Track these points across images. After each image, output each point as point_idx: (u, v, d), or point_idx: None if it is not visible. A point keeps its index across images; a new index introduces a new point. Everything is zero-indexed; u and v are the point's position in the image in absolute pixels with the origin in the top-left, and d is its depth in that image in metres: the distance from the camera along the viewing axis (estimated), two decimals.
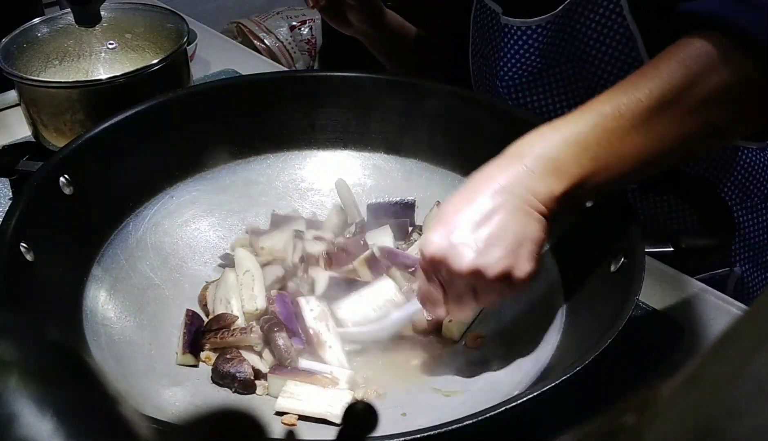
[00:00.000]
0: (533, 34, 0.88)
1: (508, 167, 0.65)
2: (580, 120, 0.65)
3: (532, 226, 0.64)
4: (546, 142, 0.65)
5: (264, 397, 0.72)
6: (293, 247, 0.84)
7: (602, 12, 0.83)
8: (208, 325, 0.77)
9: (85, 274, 0.76)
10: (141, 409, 0.64)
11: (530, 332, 0.75)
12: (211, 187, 0.91)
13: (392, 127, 0.94)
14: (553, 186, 0.64)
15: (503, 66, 0.93)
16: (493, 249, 0.63)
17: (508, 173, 0.64)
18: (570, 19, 0.85)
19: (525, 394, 0.56)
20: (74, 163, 0.78)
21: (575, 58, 0.88)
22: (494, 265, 0.63)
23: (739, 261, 0.98)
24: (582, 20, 0.84)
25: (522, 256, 0.63)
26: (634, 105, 0.64)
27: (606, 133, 0.64)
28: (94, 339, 0.71)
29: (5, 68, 0.96)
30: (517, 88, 0.93)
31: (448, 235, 0.64)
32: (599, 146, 0.64)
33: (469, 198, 0.65)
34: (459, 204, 0.65)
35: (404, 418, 0.68)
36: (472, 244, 0.63)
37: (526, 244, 0.63)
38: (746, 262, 0.98)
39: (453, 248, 0.63)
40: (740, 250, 0.97)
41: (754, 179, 0.94)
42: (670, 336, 0.79)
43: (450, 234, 0.64)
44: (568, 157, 0.64)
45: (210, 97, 0.91)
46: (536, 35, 0.88)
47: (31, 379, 0.23)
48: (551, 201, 0.64)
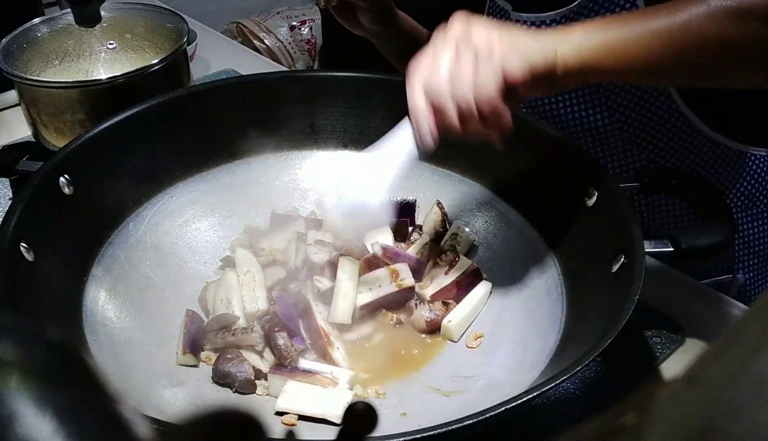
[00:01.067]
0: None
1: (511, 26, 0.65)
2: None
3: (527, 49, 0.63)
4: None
5: (264, 397, 0.72)
6: (295, 250, 0.84)
7: (618, 11, 0.83)
8: (208, 325, 0.77)
9: (85, 274, 0.76)
10: (141, 409, 0.64)
11: (530, 332, 0.75)
12: (211, 187, 0.91)
13: (392, 127, 0.94)
14: (556, 45, 0.64)
15: None
16: (465, 55, 0.63)
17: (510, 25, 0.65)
18: (585, 16, 0.85)
19: (525, 394, 0.56)
20: (74, 163, 0.78)
21: None
22: (466, 64, 0.63)
23: (742, 268, 0.98)
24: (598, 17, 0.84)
25: (492, 60, 0.62)
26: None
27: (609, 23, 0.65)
28: (94, 339, 0.71)
29: (5, 68, 0.96)
30: None
31: (433, 52, 0.65)
32: (611, 32, 0.64)
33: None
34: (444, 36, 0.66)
35: (404, 418, 0.68)
36: (449, 55, 0.64)
37: (495, 50, 0.63)
38: (749, 270, 0.98)
39: (434, 60, 0.64)
40: (744, 258, 0.97)
41: (761, 186, 0.94)
42: (670, 336, 0.79)
43: (434, 49, 0.65)
44: (584, 36, 0.64)
45: (210, 97, 0.91)
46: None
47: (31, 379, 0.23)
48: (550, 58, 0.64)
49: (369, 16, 1.00)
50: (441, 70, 0.64)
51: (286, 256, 0.85)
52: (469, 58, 0.63)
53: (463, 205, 0.90)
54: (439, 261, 0.83)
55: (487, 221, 0.88)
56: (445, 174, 0.92)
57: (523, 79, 0.63)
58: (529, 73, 0.63)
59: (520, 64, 0.63)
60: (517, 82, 0.63)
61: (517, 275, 0.82)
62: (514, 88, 0.63)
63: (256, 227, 0.90)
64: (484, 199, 0.89)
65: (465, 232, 0.87)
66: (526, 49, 0.63)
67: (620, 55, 0.64)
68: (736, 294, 0.97)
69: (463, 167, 0.91)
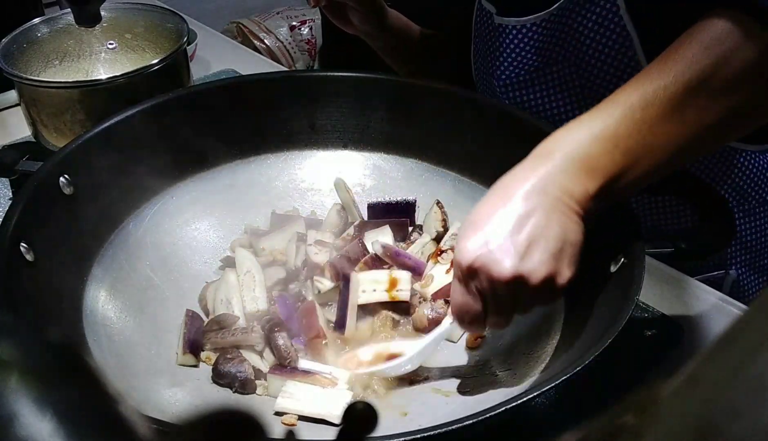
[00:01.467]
0: (528, 32, 0.88)
1: (539, 168, 0.62)
2: (607, 113, 0.63)
3: (571, 227, 0.61)
4: (575, 140, 0.62)
5: (264, 397, 0.72)
6: (295, 250, 0.84)
7: (599, 11, 0.83)
8: (208, 325, 0.77)
9: (85, 274, 0.76)
10: (141, 409, 0.64)
11: (530, 332, 0.75)
12: (211, 187, 0.91)
13: (392, 127, 0.94)
14: (587, 184, 0.62)
15: (499, 65, 0.93)
16: (535, 253, 0.59)
17: (540, 173, 0.61)
18: (566, 18, 0.85)
19: (525, 394, 0.56)
20: (74, 163, 0.78)
21: (571, 57, 0.88)
22: (537, 269, 0.59)
23: (735, 264, 0.98)
24: (579, 19, 0.84)
25: (563, 259, 0.60)
26: (661, 92, 0.62)
27: (636, 124, 0.62)
28: (94, 339, 0.71)
29: (5, 68, 0.96)
30: (514, 87, 0.93)
31: (485, 240, 0.60)
32: (630, 139, 0.62)
33: (501, 201, 0.62)
34: (491, 208, 0.62)
35: (404, 418, 0.68)
36: (511, 248, 0.59)
37: (566, 248, 0.61)
38: (742, 266, 0.98)
39: (492, 254, 0.60)
40: (736, 253, 0.97)
41: (752, 182, 0.94)
42: (670, 336, 0.79)
43: (487, 240, 0.60)
44: (600, 153, 0.62)
45: (210, 97, 0.91)
46: (531, 33, 0.88)
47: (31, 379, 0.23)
48: (586, 200, 0.62)
49: (359, 16, 1.00)
50: (504, 264, 0.59)
51: (286, 256, 0.85)
52: (536, 259, 0.60)
53: (463, 205, 0.90)
54: (439, 260, 0.83)
55: None
56: (445, 174, 0.92)
57: (576, 270, 0.62)
58: (578, 256, 0.62)
59: (569, 263, 0.61)
60: (574, 276, 0.62)
61: None
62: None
63: (256, 227, 0.90)
64: None
65: None
66: (568, 239, 0.61)
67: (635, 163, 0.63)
68: (729, 290, 0.97)
69: (462, 167, 0.91)
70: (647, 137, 0.62)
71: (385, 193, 0.93)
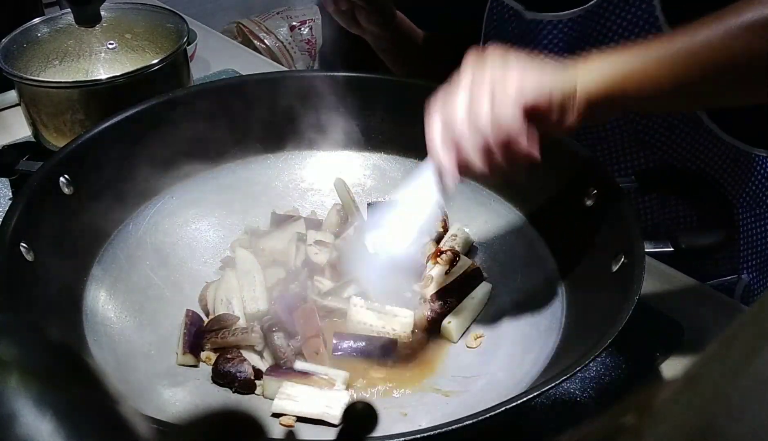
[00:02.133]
0: (564, 27, 0.88)
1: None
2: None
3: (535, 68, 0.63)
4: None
5: (264, 398, 0.72)
6: (295, 250, 0.84)
7: (634, 11, 0.83)
8: (208, 325, 0.77)
9: (85, 274, 0.76)
10: (141, 409, 0.63)
11: (530, 332, 0.75)
12: (211, 187, 0.91)
13: (392, 127, 0.94)
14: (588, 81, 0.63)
15: None
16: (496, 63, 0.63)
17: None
18: (600, 15, 0.85)
19: (525, 394, 0.56)
20: (74, 163, 0.78)
21: None
22: (487, 76, 0.62)
23: (747, 268, 0.98)
24: (613, 18, 0.85)
25: (523, 85, 0.62)
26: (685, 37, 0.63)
27: (638, 56, 0.64)
28: (94, 339, 0.71)
29: (5, 68, 0.96)
30: None
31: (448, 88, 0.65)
32: (632, 57, 0.64)
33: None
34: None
35: (404, 418, 0.68)
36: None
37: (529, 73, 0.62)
38: (754, 270, 0.98)
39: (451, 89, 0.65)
40: (748, 258, 0.97)
41: (765, 187, 0.94)
42: (670, 336, 0.79)
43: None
44: (604, 63, 0.64)
45: (210, 97, 0.91)
46: (567, 29, 0.88)
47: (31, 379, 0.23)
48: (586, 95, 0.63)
49: (366, 15, 1.00)
50: (458, 105, 0.63)
51: (286, 256, 0.85)
52: (484, 90, 0.62)
53: (463, 206, 0.90)
54: (439, 260, 0.83)
55: (487, 221, 0.88)
56: None
57: (541, 105, 0.62)
58: (547, 100, 0.62)
59: (535, 92, 0.62)
60: (537, 109, 0.62)
61: (517, 275, 0.82)
62: (536, 117, 0.62)
63: (256, 227, 0.90)
64: (483, 200, 0.89)
65: (465, 232, 0.87)
66: (542, 77, 0.63)
67: (644, 78, 0.63)
68: (741, 294, 0.97)
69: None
70: (649, 63, 0.63)
71: (385, 194, 0.93)
